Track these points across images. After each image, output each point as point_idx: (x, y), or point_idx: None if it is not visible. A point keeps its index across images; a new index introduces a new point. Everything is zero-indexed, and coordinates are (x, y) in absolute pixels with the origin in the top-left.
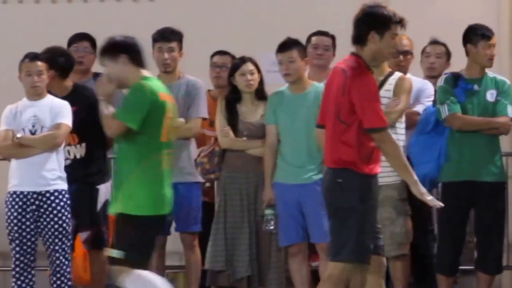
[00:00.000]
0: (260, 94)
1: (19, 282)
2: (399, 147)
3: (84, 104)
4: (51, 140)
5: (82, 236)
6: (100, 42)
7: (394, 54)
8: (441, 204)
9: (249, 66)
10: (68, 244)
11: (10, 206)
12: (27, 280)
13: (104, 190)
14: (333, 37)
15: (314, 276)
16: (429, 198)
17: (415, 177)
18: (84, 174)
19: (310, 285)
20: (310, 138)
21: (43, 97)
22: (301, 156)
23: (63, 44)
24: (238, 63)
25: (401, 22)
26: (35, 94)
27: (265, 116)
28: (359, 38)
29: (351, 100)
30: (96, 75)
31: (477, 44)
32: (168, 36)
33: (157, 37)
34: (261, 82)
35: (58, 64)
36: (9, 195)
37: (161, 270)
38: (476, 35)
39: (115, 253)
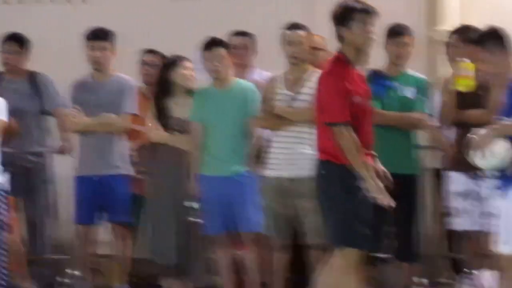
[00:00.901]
0: (190, 91)
1: None
2: (356, 143)
3: None
4: None
5: None
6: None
7: (371, 41)
8: (391, 204)
9: (189, 63)
10: None
11: None
12: None
13: None
14: (252, 37)
15: (238, 265)
16: (379, 196)
17: (370, 174)
18: None
19: (234, 273)
20: (235, 132)
21: None
22: (226, 150)
23: None
24: (176, 59)
25: (365, 10)
26: None
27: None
28: (338, 38)
29: (319, 97)
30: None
31: (388, 41)
32: (100, 35)
33: (90, 36)
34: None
35: None
36: None
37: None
38: (387, 33)
39: None
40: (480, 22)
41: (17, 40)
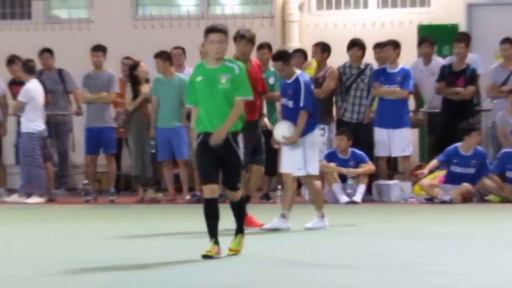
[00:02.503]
0: (148, 80)
1: None
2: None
3: None
4: None
5: None
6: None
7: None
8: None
9: (143, 63)
10: None
11: None
12: None
13: None
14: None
15: (177, 179)
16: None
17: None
18: None
19: (173, 184)
20: (174, 102)
21: None
22: (169, 112)
23: None
24: (137, 63)
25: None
26: None
27: (151, 91)
28: None
29: None
30: None
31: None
32: (98, 49)
33: (93, 49)
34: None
35: None
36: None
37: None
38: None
39: None
40: (314, 41)
41: (49, 51)
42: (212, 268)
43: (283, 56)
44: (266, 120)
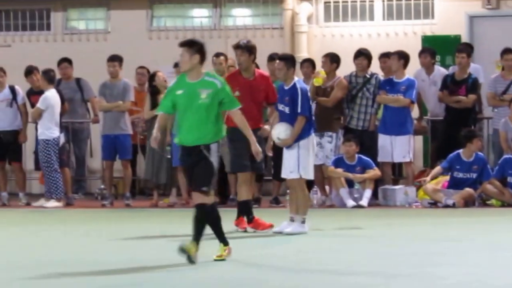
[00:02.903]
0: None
1: None
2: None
3: None
4: None
5: None
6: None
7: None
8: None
9: (161, 73)
10: None
11: None
12: None
13: None
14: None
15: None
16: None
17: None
18: None
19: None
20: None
21: None
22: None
23: None
24: (155, 73)
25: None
26: None
27: None
28: None
29: None
30: None
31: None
32: (114, 59)
33: (109, 59)
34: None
35: None
36: None
37: (111, 179)
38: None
39: None
40: (322, 51)
41: (68, 61)
42: (224, 269)
43: (288, 59)
44: (267, 127)
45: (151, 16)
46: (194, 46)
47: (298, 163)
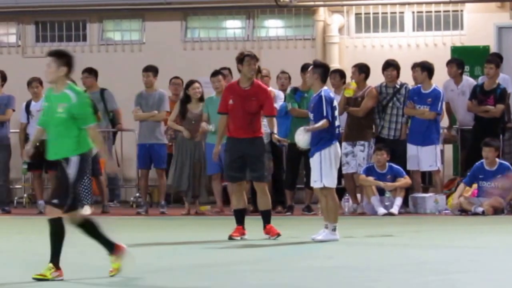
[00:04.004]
0: (201, 99)
1: None
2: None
3: None
4: None
5: None
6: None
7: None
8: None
9: (197, 84)
10: None
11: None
12: None
13: None
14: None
15: (225, 193)
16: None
17: None
18: None
19: (222, 197)
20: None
21: None
22: (217, 129)
23: None
24: (191, 82)
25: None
26: None
27: (203, 109)
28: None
29: None
30: None
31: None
32: (149, 69)
33: (144, 70)
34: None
35: None
36: None
37: (147, 187)
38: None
39: None
40: (353, 62)
41: (91, 71)
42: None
43: (316, 66)
44: (276, 136)
45: (185, 28)
46: (63, 58)
47: (320, 173)
